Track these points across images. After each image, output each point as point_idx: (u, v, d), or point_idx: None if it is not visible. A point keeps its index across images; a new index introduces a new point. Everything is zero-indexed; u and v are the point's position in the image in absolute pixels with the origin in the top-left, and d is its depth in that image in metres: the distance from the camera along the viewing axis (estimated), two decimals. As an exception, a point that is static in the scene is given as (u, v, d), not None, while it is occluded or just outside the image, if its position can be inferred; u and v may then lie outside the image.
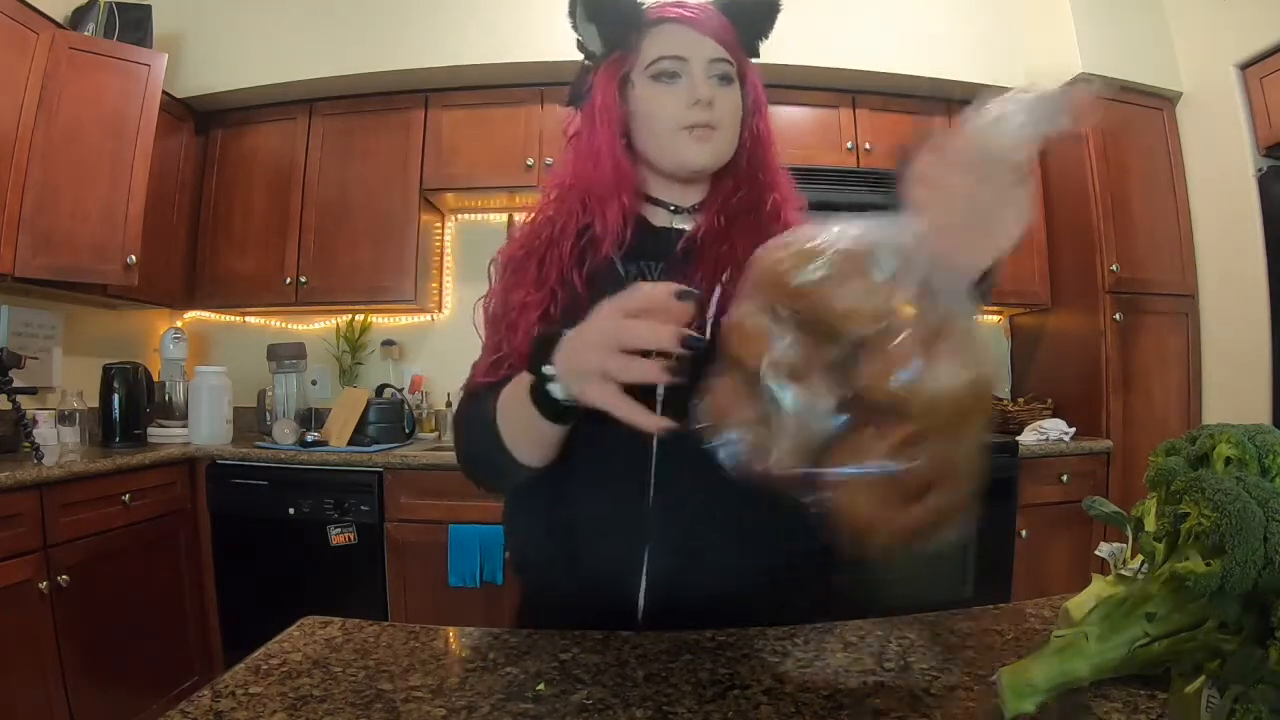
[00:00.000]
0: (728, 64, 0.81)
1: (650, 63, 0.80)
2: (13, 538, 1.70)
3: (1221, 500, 0.43)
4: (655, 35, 0.81)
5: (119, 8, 2.42)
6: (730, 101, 0.82)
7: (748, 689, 0.59)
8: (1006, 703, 0.50)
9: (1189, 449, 0.54)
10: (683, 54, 0.80)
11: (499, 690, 0.60)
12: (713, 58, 0.80)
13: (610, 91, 0.82)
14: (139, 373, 2.45)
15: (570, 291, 0.80)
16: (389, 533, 2.23)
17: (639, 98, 0.81)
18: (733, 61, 0.82)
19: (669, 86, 0.80)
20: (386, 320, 2.95)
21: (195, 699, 0.57)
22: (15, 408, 1.96)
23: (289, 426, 2.44)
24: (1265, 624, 0.42)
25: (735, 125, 0.83)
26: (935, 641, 0.70)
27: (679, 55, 0.80)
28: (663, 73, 0.80)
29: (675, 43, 0.80)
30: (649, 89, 0.81)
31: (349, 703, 0.57)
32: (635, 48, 0.81)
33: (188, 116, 2.72)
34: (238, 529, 2.29)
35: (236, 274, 2.73)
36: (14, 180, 2.03)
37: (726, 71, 0.81)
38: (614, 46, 0.83)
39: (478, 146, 2.65)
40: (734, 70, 0.82)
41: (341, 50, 2.60)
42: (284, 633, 0.73)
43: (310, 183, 2.70)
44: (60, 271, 2.18)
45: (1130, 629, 0.47)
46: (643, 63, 0.81)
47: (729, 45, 0.82)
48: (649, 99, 0.81)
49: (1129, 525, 0.55)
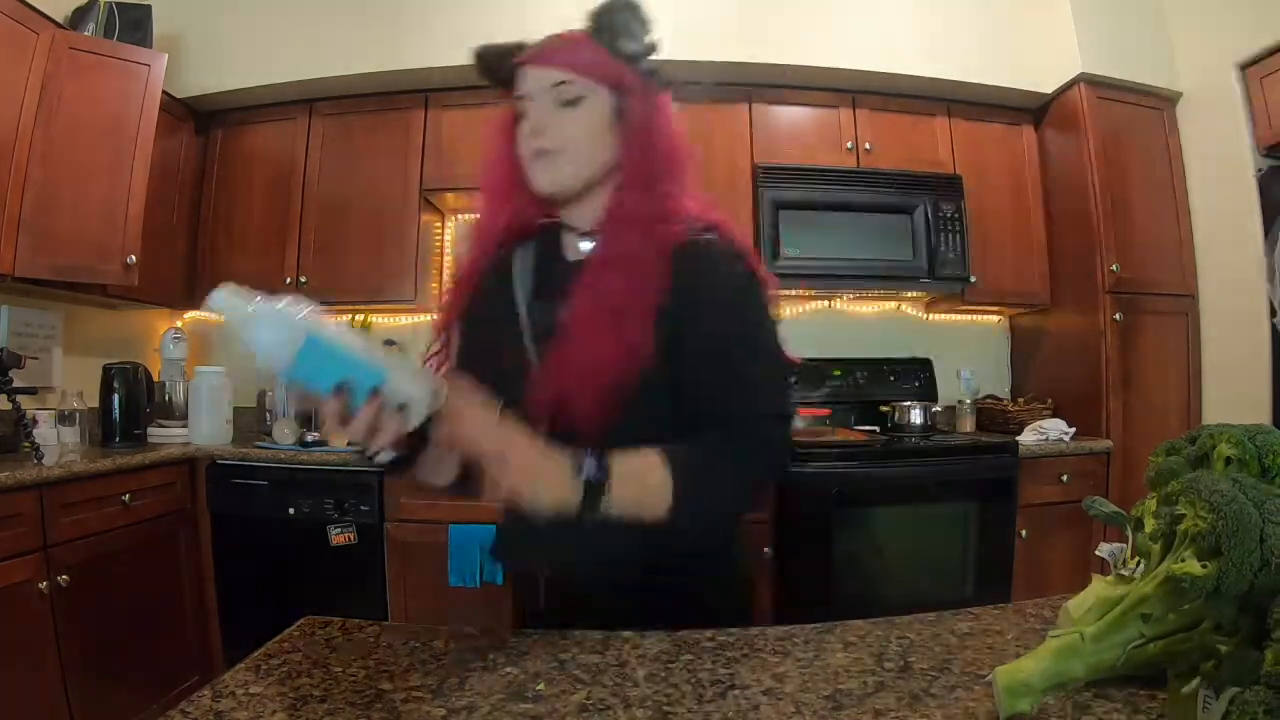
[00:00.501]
0: (569, 85, 0.84)
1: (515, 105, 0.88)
2: (13, 538, 1.69)
3: (1218, 502, 0.43)
4: (517, 80, 0.88)
5: (119, 8, 2.42)
6: (574, 122, 0.85)
7: (748, 689, 0.60)
8: (1002, 702, 0.50)
9: (1189, 449, 0.54)
10: (523, 92, 0.86)
11: (499, 690, 0.60)
12: (552, 84, 0.85)
13: (497, 138, 0.91)
14: (139, 373, 2.45)
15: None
16: (389, 533, 2.23)
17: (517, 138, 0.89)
18: (575, 80, 0.84)
19: (523, 124, 0.87)
20: (386, 320, 2.94)
21: (195, 699, 0.57)
22: (15, 408, 1.96)
23: (289, 426, 2.44)
24: (1261, 626, 0.42)
25: (587, 143, 0.85)
26: (935, 641, 0.70)
27: (521, 95, 0.87)
28: (519, 113, 0.87)
29: (521, 84, 0.87)
30: (518, 129, 0.88)
31: (349, 703, 0.57)
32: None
33: (188, 116, 2.72)
34: (238, 529, 2.30)
35: (236, 274, 2.69)
36: (14, 180, 2.03)
37: (571, 93, 0.84)
38: (506, 94, 0.91)
39: (478, 146, 2.64)
40: (582, 87, 0.84)
41: (341, 50, 2.60)
42: (284, 633, 0.73)
43: (310, 183, 2.70)
44: (60, 271, 2.18)
45: (1126, 630, 0.47)
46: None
47: (576, 65, 0.84)
48: (517, 137, 0.88)
49: (1129, 525, 0.55)
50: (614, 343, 0.77)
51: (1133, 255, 2.56)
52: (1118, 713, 0.53)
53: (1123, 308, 2.53)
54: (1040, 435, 2.48)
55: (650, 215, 0.84)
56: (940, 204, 2.60)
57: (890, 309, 3.03)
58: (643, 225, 0.83)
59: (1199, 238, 2.62)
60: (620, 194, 0.86)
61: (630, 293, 0.79)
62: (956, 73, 2.64)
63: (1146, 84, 2.63)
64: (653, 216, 0.84)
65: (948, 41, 2.65)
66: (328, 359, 0.65)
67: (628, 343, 0.77)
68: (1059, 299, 2.76)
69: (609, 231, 0.85)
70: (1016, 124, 2.83)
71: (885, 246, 2.58)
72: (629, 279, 0.80)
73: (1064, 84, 2.65)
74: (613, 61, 0.85)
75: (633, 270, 0.80)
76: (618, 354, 0.77)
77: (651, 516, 0.74)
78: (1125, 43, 2.62)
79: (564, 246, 0.93)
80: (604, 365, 0.76)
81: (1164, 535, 0.48)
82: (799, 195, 2.56)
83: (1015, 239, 2.76)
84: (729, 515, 0.84)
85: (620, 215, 0.85)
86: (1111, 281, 2.53)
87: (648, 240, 0.82)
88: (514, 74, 0.88)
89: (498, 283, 0.92)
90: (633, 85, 0.86)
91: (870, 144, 2.69)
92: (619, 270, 0.81)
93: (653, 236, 0.82)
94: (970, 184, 2.66)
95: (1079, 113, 2.60)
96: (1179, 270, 2.62)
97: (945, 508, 2.33)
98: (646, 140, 0.86)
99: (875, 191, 2.59)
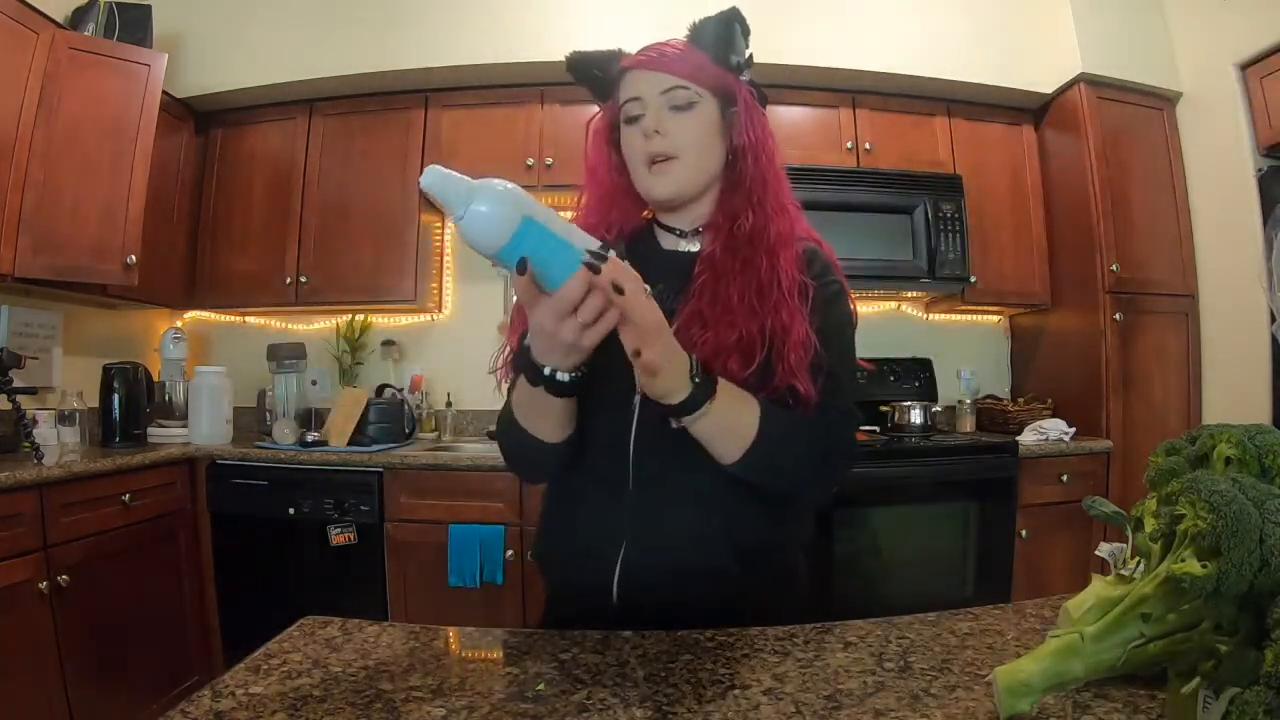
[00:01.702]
0: (684, 90, 0.86)
1: (621, 109, 0.90)
2: (13, 538, 1.70)
3: (1217, 502, 0.43)
4: (624, 84, 0.90)
5: (119, 8, 2.42)
6: (687, 126, 0.87)
7: (748, 689, 0.60)
8: (1002, 702, 0.50)
9: (1189, 449, 0.54)
10: (638, 94, 0.87)
11: (499, 690, 0.60)
12: (665, 89, 0.86)
13: (599, 139, 0.94)
14: (139, 373, 2.45)
15: None
16: (389, 533, 2.24)
17: (623, 142, 0.91)
18: (689, 86, 0.86)
19: (634, 127, 0.88)
20: (386, 320, 2.95)
21: (195, 699, 0.57)
22: (15, 408, 1.96)
23: (289, 426, 2.44)
24: (1260, 626, 0.42)
25: (701, 148, 0.88)
26: (935, 641, 0.70)
27: (636, 96, 0.88)
28: (629, 116, 0.89)
29: (634, 86, 0.88)
30: (624, 132, 0.90)
31: (349, 703, 0.57)
32: (615, 98, 0.91)
33: (188, 116, 2.72)
34: (238, 529, 2.30)
35: (236, 274, 2.73)
36: (14, 180, 2.03)
37: (683, 98, 0.86)
38: (604, 100, 0.94)
39: (478, 146, 2.65)
40: (695, 93, 0.86)
41: (341, 50, 2.60)
42: (284, 633, 0.73)
43: (310, 183, 2.70)
44: (60, 271, 2.18)
45: (1126, 629, 0.47)
46: (620, 110, 0.90)
47: (689, 72, 0.86)
48: (624, 141, 0.91)
49: (1129, 525, 0.55)
50: (760, 326, 0.81)
51: (1133, 255, 2.56)
52: (1118, 713, 0.53)
53: (1123, 308, 2.53)
54: (1040, 435, 2.48)
55: (765, 224, 0.87)
56: (940, 204, 2.60)
57: (890, 309, 3.04)
58: (761, 232, 0.86)
59: (1199, 238, 2.62)
60: (736, 198, 0.88)
61: (775, 280, 0.83)
62: (956, 73, 2.65)
63: (1146, 84, 2.63)
64: (768, 225, 0.87)
65: (948, 41, 2.65)
66: (543, 241, 0.64)
67: (784, 322, 0.81)
68: (1059, 299, 2.76)
69: (730, 234, 0.87)
70: (1016, 124, 2.83)
71: (885, 246, 2.58)
72: (769, 273, 0.83)
73: (1064, 84, 2.65)
74: (720, 71, 0.88)
75: (770, 266, 0.84)
76: (764, 334, 0.81)
77: (727, 450, 0.78)
78: (1125, 43, 2.62)
79: (658, 238, 0.96)
80: (750, 349, 0.80)
81: (1164, 535, 0.48)
82: (799, 195, 2.49)
83: (1015, 239, 2.76)
84: (792, 485, 0.86)
85: (740, 223, 0.87)
86: (1111, 281, 2.53)
87: (771, 244, 0.85)
88: (619, 79, 0.90)
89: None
90: (739, 95, 0.89)
91: (870, 144, 2.69)
92: (754, 267, 0.84)
93: (771, 242, 0.86)
94: (970, 184, 2.66)
95: (1079, 113, 2.60)
96: (1179, 270, 2.62)
97: (945, 508, 2.33)
98: (756, 150, 0.89)
99: (875, 191, 2.59)
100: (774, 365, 0.81)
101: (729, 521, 0.83)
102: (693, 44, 0.89)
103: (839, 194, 2.57)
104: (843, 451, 0.89)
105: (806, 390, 0.81)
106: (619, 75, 0.90)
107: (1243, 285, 2.40)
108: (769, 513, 0.86)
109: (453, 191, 0.64)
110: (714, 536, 0.83)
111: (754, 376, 0.80)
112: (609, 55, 0.92)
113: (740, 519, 0.84)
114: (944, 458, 2.35)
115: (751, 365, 0.80)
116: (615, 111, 0.91)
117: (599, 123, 0.94)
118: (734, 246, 0.86)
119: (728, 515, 0.84)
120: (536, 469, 0.93)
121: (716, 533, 0.83)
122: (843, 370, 0.87)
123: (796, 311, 0.82)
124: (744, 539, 0.84)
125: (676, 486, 0.84)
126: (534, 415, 0.82)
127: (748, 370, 0.80)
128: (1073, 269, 2.67)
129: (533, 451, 0.84)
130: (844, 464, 0.91)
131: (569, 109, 2.60)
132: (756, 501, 0.84)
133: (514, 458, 0.91)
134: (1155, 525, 0.49)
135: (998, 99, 2.76)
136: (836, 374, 0.85)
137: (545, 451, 0.84)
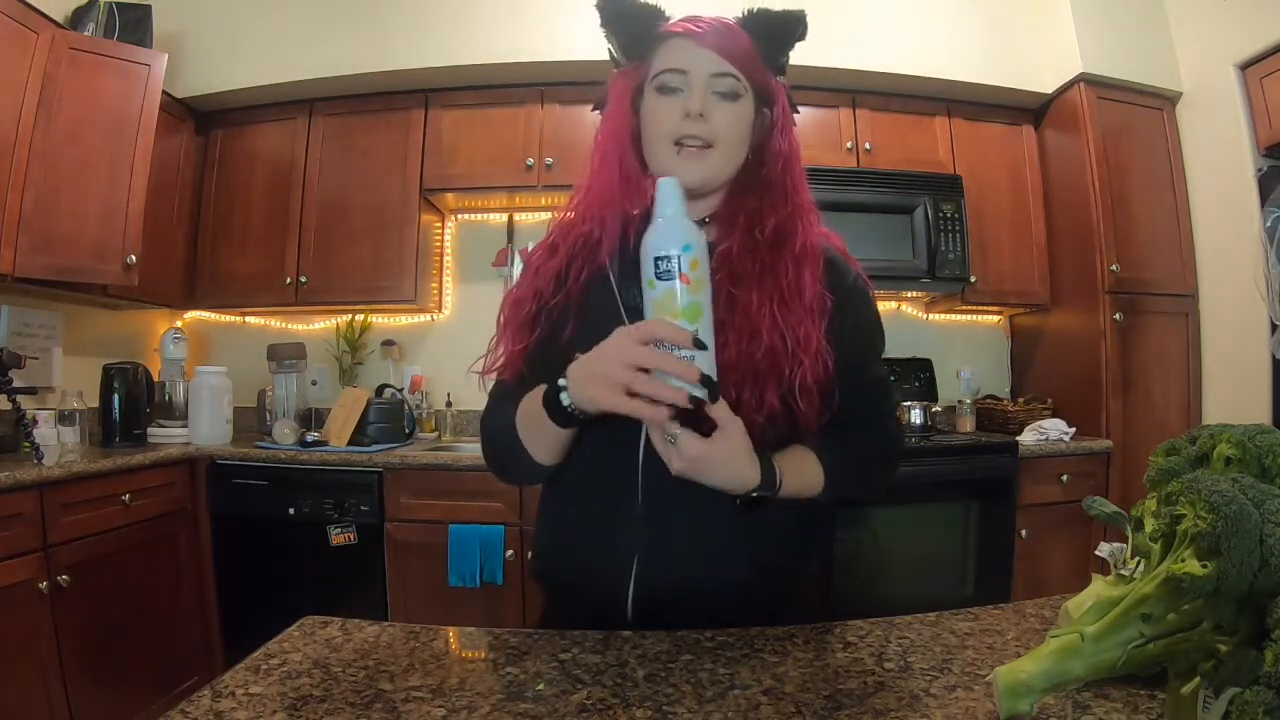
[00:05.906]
0: (734, 79, 0.81)
1: (655, 75, 0.82)
2: (13, 538, 1.70)
3: (1217, 502, 0.43)
4: (665, 49, 0.82)
5: (119, 8, 2.42)
6: (731, 118, 0.81)
7: (748, 689, 0.60)
8: (1002, 702, 0.50)
9: (1189, 449, 0.54)
10: (684, 67, 0.80)
11: (499, 690, 0.60)
12: (715, 72, 0.80)
13: (623, 100, 0.85)
14: (139, 373, 2.45)
15: (564, 294, 0.84)
16: (389, 533, 2.24)
17: (646, 109, 0.84)
18: (740, 77, 0.81)
19: (668, 99, 0.81)
20: (386, 320, 2.95)
21: (195, 699, 0.57)
22: (15, 408, 1.96)
23: (289, 426, 2.44)
24: (1260, 626, 0.42)
25: (737, 143, 0.83)
26: (935, 641, 0.70)
27: (680, 69, 0.81)
28: (665, 85, 0.81)
29: (679, 56, 0.81)
30: (652, 100, 0.82)
31: (349, 703, 0.57)
32: (648, 60, 0.83)
33: (188, 116, 2.72)
34: (238, 529, 2.30)
35: (236, 274, 2.73)
36: (14, 180, 2.03)
37: (732, 88, 0.81)
38: (631, 57, 0.86)
39: (478, 146, 2.65)
40: (742, 86, 0.81)
41: (341, 50, 2.60)
42: (284, 633, 0.73)
43: (310, 183, 2.70)
44: (60, 271, 2.18)
45: (1126, 629, 0.47)
46: (651, 74, 0.83)
47: (740, 61, 0.81)
48: (650, 110, 0.83)
49: (1129, 525, 0.55)
50: (782, 337, 0.78)
51: (1133, 255, 2.56)
52: (1118, 713, 0.53)
53: (1122, 308, 2.53)
54: (1040, 435, 2.48)
55: (792, 232, 0.84)
56: (940, 204, 2.60)
57: (890, 309, 3.03)
58: (787, 239, 0.83)
59: (1199, 238, 2.62)
60: (755, 200, 0.85)
61: (798, 291, 0.80)
62: (956, 73, 2.65)
63: (1146, 84, 2.63)
64: (794, 234, 0.84)
65: (948, 41, 2.65)
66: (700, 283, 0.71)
67: (802, 337, 0.79)
68: (1059, 299, 2.76)
69: (748, 233, 0.83)
70: (1016, 124, 2.83)
71: (885, 246, 2.57)
72: (793, 284, 0.81)
73: (1064, 84, 2.65)
74: (766, 70, 0.84)
75: (796, 277, 0.82)
76: (787, 347, 0.78)
77: (798, 498, 0.80)
78: (1125, 43, 2.62)
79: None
80: (778, 357, 0.77)
81: (1164, 535, 0.48)
82: (799, 195, 2.56)
83: (1015, 239, 2.76)
84: (863, 494, 0.89)
85: (755, 230, 0.83)
86: (1111, 281, 2.53)
87: (797, 253, 0.82)
88: (656, 42, 0.83)
89: (592, 264, 0.86)
90: (778, 99, 0.86)
91: (870, 144, 2.69)
92: (775, 274, 0.81)
93: (798, 251, 0.83)
94: (970, 184, 2.66)
95: (1079, 113, 2.60)
96: (1179, 270, 2.62)
97: (945, 508, 2.33)
98: (789, 158, 0.86)
99: (875, 191, 2.59)
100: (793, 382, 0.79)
101: (745, 535, 0.81)
102: (744, 29, 0.82)
103: (839, 194, 2.57)
104: (899, 451, 0.95)
105: (809, 408, 0.79)
106: (659, 38, 0.83)
107: (1243, 285, 2.40)
108: (784, 527, 0.84)
109: (674, 202, 0.72)
110: (730, 551, 0.81)
111: (781, 398, 0.78)
112: (651, 10, 0.84)
113: (755, 533, 0.82)
114: (944, 458, 2.35)
115: (783, 385, 0.77)
116: (642, 73, 0.84)
117: (624, 82, 0.85)
118: (753, 247, 0.82)
119: (743, 529, 0.81)
120: (518, 479, 0.92)
121: (733, 547, 0.81)
122: (885, 375, 0.90)
123: (815, 327, 0.80)
124: (761, 553, 0.82)
125: (688, 502, 0.78)
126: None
127: (780, 389, 0.77)
128: (1073, 269, 2.67)
129: (523, 465, 0.83)
130: (900, 459, 0.96)
131: (569, 109, 2.60)
132: (772, 515, 0.79)
133: (497, 462, 0.89)
134: (1155, 525, 0.49)
135: (998, 99, 2.76)
136: (883, 379, 0.89)
137: (535, 469, 0.83)
